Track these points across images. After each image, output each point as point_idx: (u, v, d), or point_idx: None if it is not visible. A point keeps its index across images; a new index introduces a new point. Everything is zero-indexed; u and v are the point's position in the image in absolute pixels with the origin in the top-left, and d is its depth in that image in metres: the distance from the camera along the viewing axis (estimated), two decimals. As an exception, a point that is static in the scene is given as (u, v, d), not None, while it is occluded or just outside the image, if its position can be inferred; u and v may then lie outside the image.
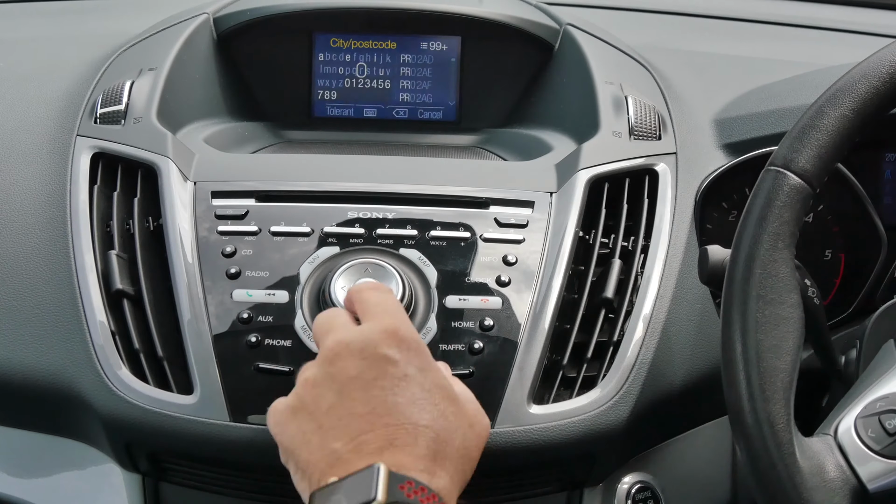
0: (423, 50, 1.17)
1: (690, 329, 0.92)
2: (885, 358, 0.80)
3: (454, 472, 0.70)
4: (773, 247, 0.72)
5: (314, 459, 0.70)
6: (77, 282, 0.89)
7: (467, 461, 0.72)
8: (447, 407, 0.72)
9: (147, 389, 0.85)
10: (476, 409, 0.76)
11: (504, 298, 0.88)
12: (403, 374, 0.72)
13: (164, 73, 1.04)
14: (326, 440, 0.70)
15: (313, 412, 0.71)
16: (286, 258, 0.88)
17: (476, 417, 0.75)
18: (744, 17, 1.34)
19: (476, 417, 0.75)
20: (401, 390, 0.71)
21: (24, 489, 0.94)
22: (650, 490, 0.92)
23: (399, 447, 0.68)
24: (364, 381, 0.71)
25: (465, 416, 0.74)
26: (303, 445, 0.71)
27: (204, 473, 0.90)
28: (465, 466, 0.72)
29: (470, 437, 0.73)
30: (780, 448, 0.69)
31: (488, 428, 0.76)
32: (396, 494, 0.65)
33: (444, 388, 0.73)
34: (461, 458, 0.71)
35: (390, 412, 0.70)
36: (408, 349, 0.73)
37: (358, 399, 0.70)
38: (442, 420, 0.71)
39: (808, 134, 0.75)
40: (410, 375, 0.72)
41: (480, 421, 0.76)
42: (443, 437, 0.70)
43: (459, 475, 0.71)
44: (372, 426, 0.69)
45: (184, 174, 0.94)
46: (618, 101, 1.04)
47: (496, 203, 0.94)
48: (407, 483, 0.66)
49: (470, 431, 0.73)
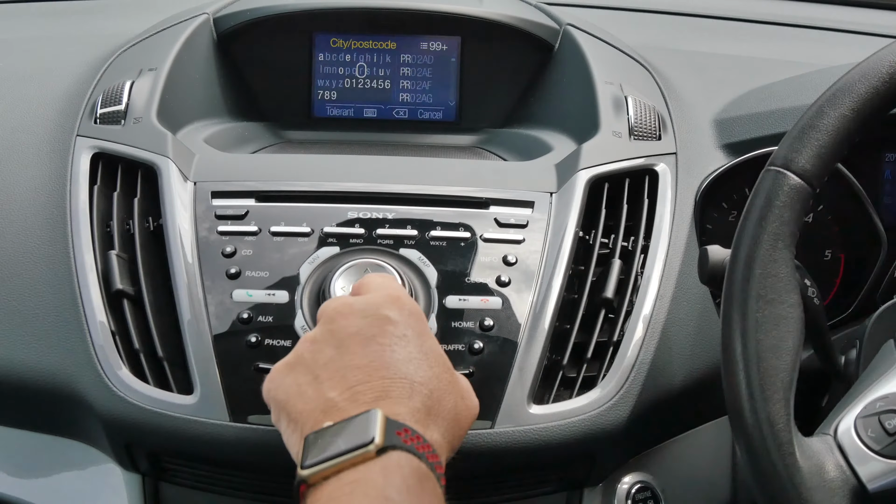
0: (423, 50, 1.17)
1: (690, 329, 0.92)
2: (885, 358, 0.80)
3: (445, 431, 0.71)
4: (773, 247, 0.72)
5: (308, 409, 0.70)
6: (77, 282, 0.89)
7: (456, 427, 0.73)
8: (442, 372, 0.73)
9: (147, 389, 0.85)
10: (468, 386, 0.77)
11: (504, 298, 0.88)
12: (402, 334, 0.73)
13: (164, 74, 1.04)
14: (322, 390, 0.70)
15: (310, 365, 0.72)
16: (286, 258, 0.88)
17: (468, 392, 0.76)
18: (744, 17, 1.34)
19: (468, 392, 0.76)
20: (399, 348, 0.72)
21: (24, 489, 0.94)
22: (650, 490, 0.92)
23: (394, 398, 0.69)
24: (363, 336, 0.72)
25: (458, 386, 0.75)
26: (297, 396, 0.71)
27: (204, 473, 0.90)
28: (455, 431, 0.72)
29: (461, 407, 0.74)
30: (780, 448, 0.69)
31: (477, 407, 0.76)
32: (393, 439, 0.65)
33: (439, 356, 0.75)
34: (452, 421, 0.72)
35: (387, 366, 0.71)
36: (409, 314, 0.75)
37: (356, 353, 0.71)
38: (436, 381, 0.72)
39: (808, 134, 0.75)
40: (409, 336, 0.73)
41: (471, 397, 0.76)
42: (436, 396, 0.71)
43: (448, 436, 0.71)
44: (369, 377, 0.70)
45: (184, 174, 0.94)
46: (618, 102, 1.04)
47: (496, 203, 0.94)
48: (403, 430, 0.66)
49: (461, 402, 0.74)
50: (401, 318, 0.74)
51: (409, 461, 0.65)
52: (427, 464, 0.66)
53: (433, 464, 0.66)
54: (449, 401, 0.72)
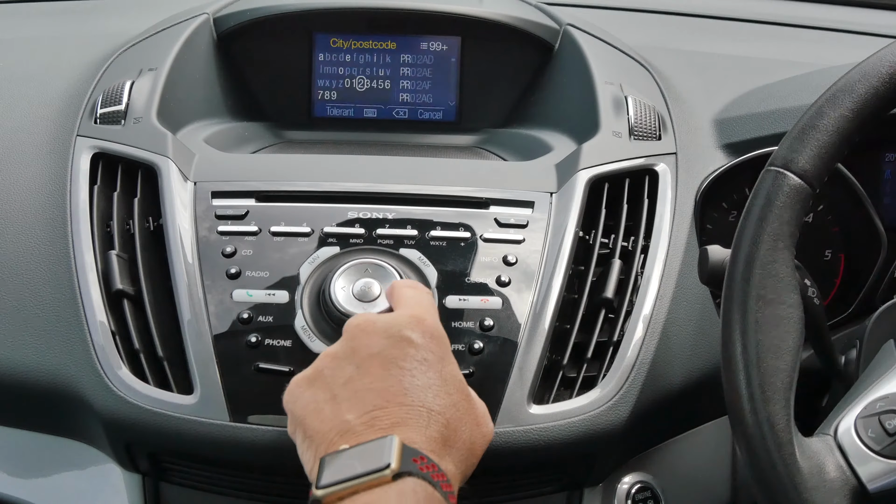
0: (423, 50, 1.17)
1: (690, 329, 0.92)
2: (885, 358, 0.80)
3: (459, 461, 0.71)
4: (773, 247, 0.72)
5: (324, 429, 0.70)
6: (77, 282, 0.89)
7: (471, 456, 0.73)
8: (460, 399, 0.73)
9: (147, 389, 0.85)
10: (484, 411, 0.77)
11: (504, 298, 0.88)
12: (423, 359, 0.73)
13: (164, 73, 1.04)
14: (339, 411, 0.70)
15: (330, 383, 0.72)
16: (286, 258, 0.88)
17: (484, 419, 0.76)
18: (744, 17, 1.34)
19: (484, 419, 0.76)
20: (419, 373, 0.72)
21: (24, 489, 0.94)
22: (650, 490, 0.92)
23: (411, 426, 0.69)
24: (384, 358, 0.72)
25: (475, 413, 0.75)
26: (314, 414, 0.71)
27: (204, 473, 0.90)
28: (469, 461, 0.73)
29: (476, 435, 0.74)
30: (780, 448, 0.69)
31: (492, 433, 0.77)
32: (409, 465, 0.65)
33: (459, 382, 0.74)
34: (466, 451, 0.72)
35: (406, 392, 0.70)
36: (430, 337, 0.74)
37: (376, 375, 0.71)
38: (453, 410, 0.72)
39: (808, 134, 0.75)
40: (430, 361, 0.73)
41: (487, 423, 0.76)
42: (452, 425, 0.71)
43: (463, 467, 0.72)
44: (387, 403, 0.70)
45: (184, 174, 0.94)
46: (618, 102, 1.04)
47: (496, 203, 0.94)
48: (420, 457, 0.66)
49: (476, 430, 0.74)
50: (423, 341, 0.73)
51: (423, 488, 0.65)
52: (441, 493, 0.66)
53: (447, 493, 0.66)
54: (465, 430, 0.72)
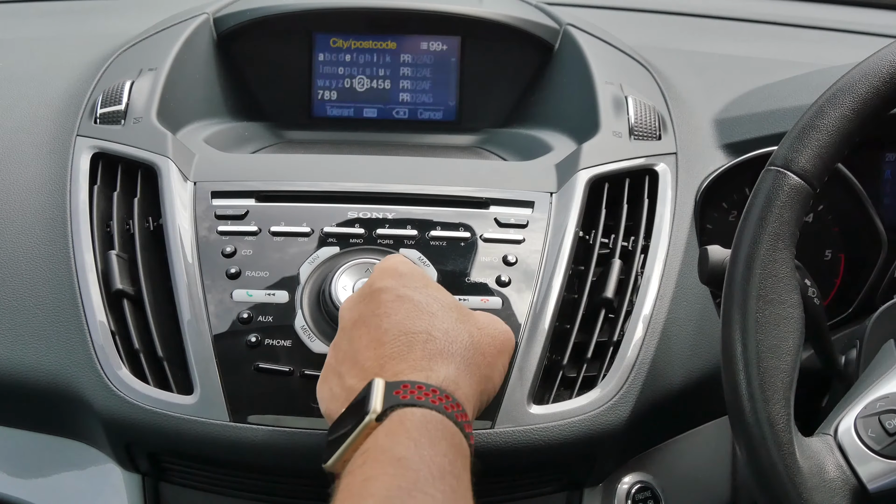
0: (423, 50, 1.17)
1: (690, 329, 0.92)
2: (885, 358, 0.80)
3: (461, 363, 0.72)
4: (773, 247, 0.72)
5: (337, 406, 0.72)
6: (77, 282, 0.89)
7: (479, 356, 0.74)
8: (446, 313, 0.75)
9: (147, 389, 0.85)
10: (491, 319, 0.79)
11: (504, 298, 0.88)
12: (396, 297, 0.75)
13: (164, 73, 1.04)
14: (344, 383, 0.73)
15: (334, 366, 0.76)
16: (286, 258, 0.88)
17: (487, 325, 0.78)
18: (744, 17, 1.34)
19: (487, 325, 0.78)
20: (393, 310, 0.74)
21: (24, 489, 0.94)
22: (650, 490, 0.92)
23: (395, 359, 0.71)
24: (364, 319, 0.75)
25: (472, 319, 0.76)
26: (332, 401, 0.74)
27: (204, 473, 0.90)
28: (478, 360, 0.74)
29: (480, 338, 0.75)
30: (780, 448, 0.69)
31: (506, 334, 0.78)
32: (392, 399, 0.67)
33: (442, 300, 0.76)
34: (469, 353, 0.74)
35: (386, 332, 0.73)
36: (400, 276, 0.77)
37: (362, 337, 0.74)
38: (438, 322, 0.74)
39: (809, 134, 0.75)
40: (404, 296, 0.75)
41: (495, 325, 0.78)
42: (436, 335, 0.73)
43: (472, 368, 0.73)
44: (374, 352, 0.72)
45: (184, 174, 0.94)
46: (618, 102, 1.04)
47: (496, 203, 0.94)
48: (402, 386, 0.68)
49: (479, 332, 0.76)
50: (392, 283, 0.76)
51: (410, 414, 0.66)
52: (433, 407, 0.67)
53: (441, 405, 0.68)
54: (462, 336, 0.74)
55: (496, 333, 0.78)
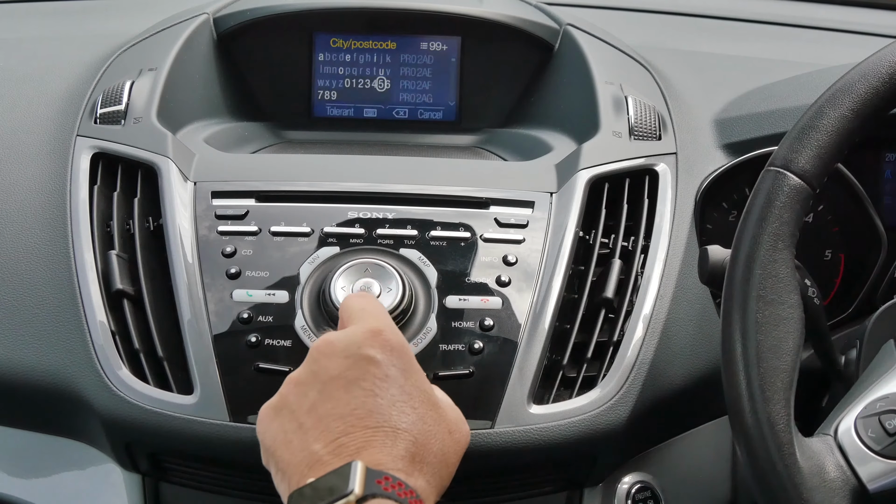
0: (423, 50, 1.17)
1: (690, 329, 0.92)
2: (885, 358, 0.80)
3: (431, 476, 0.70)
4: (773, 247, 0.72)
5: (294, 461, 0.70)
6: (77, 282, 0.89)
7: (444, 467, 0.72)
8: (427, 411, 0.72)
9: (147, 389, 0.85)
10: (457, 416, 0.76)
11: (504, 298, 0.88)
12: (385, 375, 0.72)
13: (164, 74, 1.04)
14: (307, 441, 0.70)
15: (295, 411, 0.72)
16: (286, 258, 0.88)
17: (456, 425, 0.75)
18: (744, 17, 1.34)
19: (456, 425, 0.75)
20: (381, 391, 0.71)
21: (24, 489, 0.94)
22: (650, 490, 0.92)
23: (377, 447, 0.68)
24: (346, 380, 0.71)
25: (445, 422, 0.74)
26: (284, 445, 0.71)
27: (204, 473, 0.90)
28: (443, 472, 0.72)
29: (448, 444, 0.73)
30: (780, 448, 0.69)
31: (468, 436, 0.76)
32: (373, 488, 0.65)
33: (425, 393, 0.73)
34: (439, 463, 0.71)
35: (371, 413, 0.70)
36: (391, 350, 0.73)
37: (339, 399, 0.71)
38: (421, 424, 0.71)
39: (808, 134, 0.75)
40: (392, 377, 0.72)
41: (461, 428, 0.75)
42: (421, 441, 0.70)
43: (436, 480, 0.71)
44: (352, 427, 0.69)
45: (184, 174, 0.94)
46: (618, 101, 1.04)
47: (496, 203, 0.94)
48: (384, 478, 0.66)
49: (448, 438, 0.73)
50: (383, 356, 0.72)
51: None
52: None
53: None
54: (435, 443, 0.71)
55: (460, 437, 0.75)
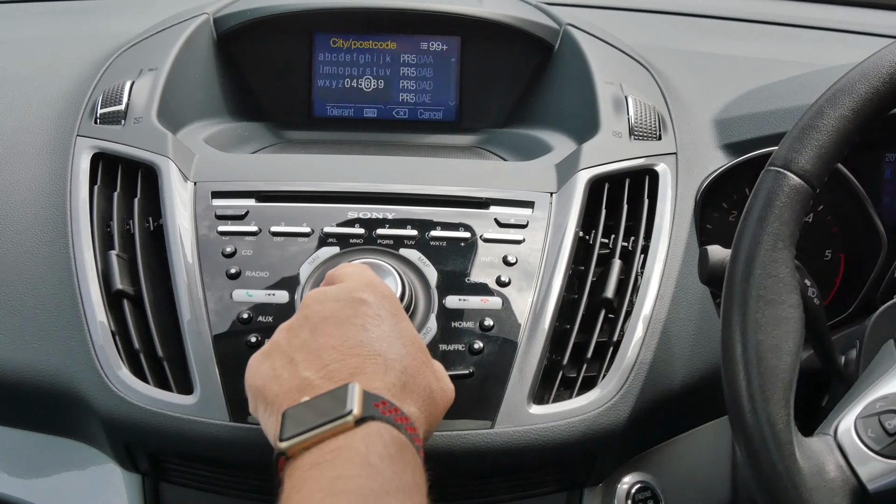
0: (423, 50, 1.17)
1: (690, 329, 0.92)
2: (885, 358, 0.80)
3: (421, 406, 0.71)
4: (773, 247, 0.72)
5: (284, 390, 0.70)
6: (77, 282, 0.89)
7: (432, 406, 0.73)
8: (416, 351, 0.74)
9: (147, 389, 0.85)
10: (443, 371, 0.77)
11: (504, 298, 0.88)
12: (376, 314, 0.74)
13: (164, 74, 1.04)
14: (297, 371, 0.71)
15: (286, 350, 0.73)
16: (286, 258, 0.88)
17: (442, 375, 0.76)
18: (743, 17, 1.34)
19: (442, 375, 0.76)
20: (372, 327, 0.73)
21: (24, 489, 0.94)
22: (650, 490, 0.92)
23: (369, 374, 0.70)
24: (338, 318, 0.73)
25: (432, 368, 0.75)
26: (273, 380, 0.72)
27: (204, 473, 0.90)
28: (432, 411, 0.73)
29: (436, 387, 0.74)
30: (780, 448, 0.69)
31: (452, 393, 0.76)
32: (371, 410, 0.66)
33: (413, 337, 0.75)
34: (427, 399, 0.72)
35: (361, 344, 0.71)
36: (382, 296, 0.75)
37: (331, 334, 0.72)
38: (410, 359, 0.72)
39: (808, 134, 0.75)
40: (382, 316, 0.74)
41: (447, 382, 0.76)
42: (410, 372, 0.72)
43: (425, 416, 0.72)
44: (343, 356, 0.70)
45: (184, 174, 0.94)
46: (618, 101, 1.04)
47: (496, 203, 0.94)
48: (381, 402, 0.67)
49: (436, 383, 0.74)
50: (375, 299, 0.75)
51: (388, 431, 0.66)
52: (406, 434, 0.67)
53: (412, 435, 0.67)
54: (423, 379, 0.73)
55: (446, 388, 0.76)
